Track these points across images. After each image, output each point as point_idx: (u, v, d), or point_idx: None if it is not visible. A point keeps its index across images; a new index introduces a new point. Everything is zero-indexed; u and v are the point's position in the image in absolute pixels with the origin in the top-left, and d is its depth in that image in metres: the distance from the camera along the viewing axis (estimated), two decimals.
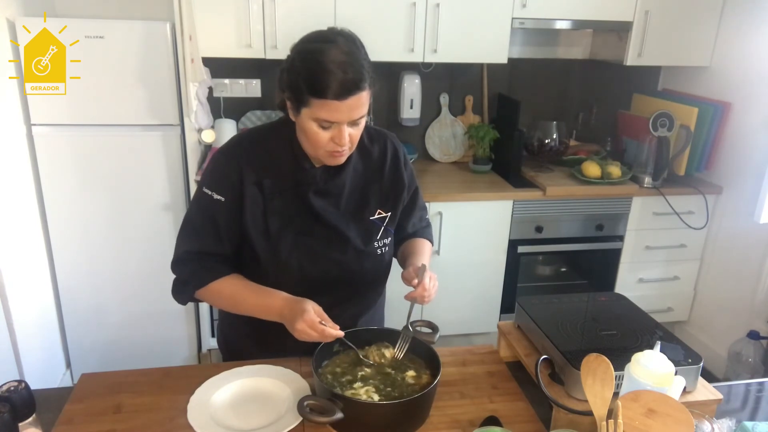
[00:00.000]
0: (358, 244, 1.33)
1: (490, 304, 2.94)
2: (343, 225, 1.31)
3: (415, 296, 1.25)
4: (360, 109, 1.14)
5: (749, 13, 2.75)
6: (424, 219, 1.54)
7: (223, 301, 1.31)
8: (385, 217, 1.37)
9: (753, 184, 2.68)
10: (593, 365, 1.03)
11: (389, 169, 1.37)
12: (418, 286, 1.24)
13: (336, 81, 1.09)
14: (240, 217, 1.27)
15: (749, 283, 2.78)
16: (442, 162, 3.21)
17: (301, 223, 1.29)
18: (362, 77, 1.11)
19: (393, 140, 1.41)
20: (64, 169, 2.46)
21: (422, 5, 2.59)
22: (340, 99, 1.10)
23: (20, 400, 1.04)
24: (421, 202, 1.50)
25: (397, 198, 1.39)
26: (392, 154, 1.39)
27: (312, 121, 1.15)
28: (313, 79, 1.10)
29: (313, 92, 1.11)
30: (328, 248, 1.32)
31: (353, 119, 1.15)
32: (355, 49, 1.14)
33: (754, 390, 1.36)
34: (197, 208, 1.29)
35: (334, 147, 1.18)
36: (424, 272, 1.26)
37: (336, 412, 1.05)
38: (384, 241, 1.39)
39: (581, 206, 2.83)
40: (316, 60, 1.11)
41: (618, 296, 1.45)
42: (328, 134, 1.16)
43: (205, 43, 2.41)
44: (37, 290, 2.49)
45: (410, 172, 1.43)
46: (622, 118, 3.27)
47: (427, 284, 1.25)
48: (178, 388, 1.22)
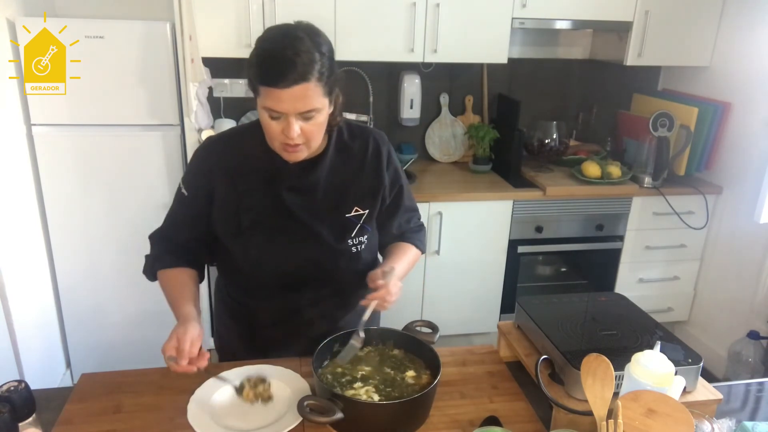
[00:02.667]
0: (330, 241, 1.32)
1: (490, 304, 2.94)
2: (315, 221, 1.30)
3: (376, 297, 1.21)
4: (306, 101, 1.12)
5: (749, 13, 2.75)
6: (413, 221, 1.49)
7: (164, 290, 1.32)
8: (362, 215, 1.35)
9: (753, 184, 2.68)
10: (593, 365, 1.03)
11: (369, 166, 1.35)
12: (382, 288, 1.20)
13: (281, 69, 1.09)
14: (205, 214, 1.31)
15: (749, 283, 2.78)
16: (442, 162, 3.21)
17: (274, 220, 1.29)
18: (310, 68, 1.10)
19: (377, 137, 1.38)
20: (64, 169, 2.45)
21: (422, 5, 2.59)
22: (283, 87, 1.09)
23: (20, 400, 1.04)
24: (408, 203, 1.45)
25: (376, 196, 1.36)
26: (373, 151, 1.36)
27: (263, 110, 1.15)
28: (261, 67, 1.11)
29: (261, 80, 1.12)
30: (300, 245, 1.31)
31: (299, 111, 1.13)
32: (309, 42, 1.12)
33: (754, 390, 1.36)
34: (174, 197, 1.37)
35: (285, 139, 1.17)
36: (391, 275, 1.23)
37: (336, 412, 1.05)
38: (360, 238, 1.36)
39: (581, 206, 2.83)
40: (267, 48, 1.13)
41: (618, 296, 1.45)
42: (279, 126, 1.16)
43: (205, 43, 2.41)
44: (37, 290, 2.49)
45: (394, 171, 1.40)
46: (622, 118, 3.27)
47: (392, 288, 1.21)
48: (178, 388, 1.22)
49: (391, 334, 1.31)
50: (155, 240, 1.38)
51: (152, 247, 1.38)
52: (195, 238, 1.35)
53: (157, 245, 1.37)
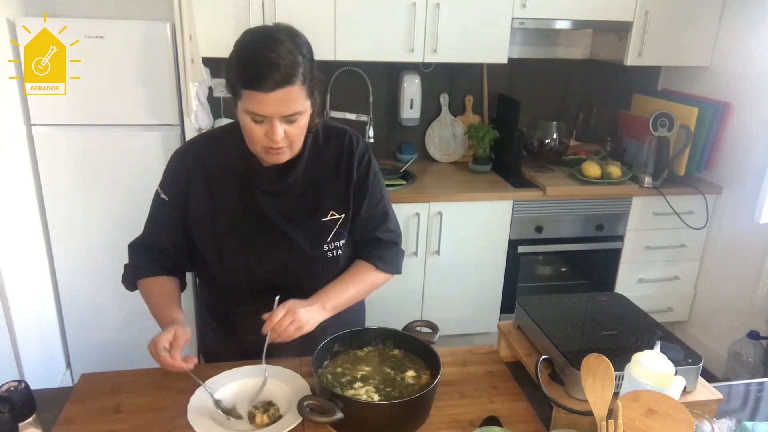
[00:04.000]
0: (305, 247, 1.30)
1: (490, 304, 2.94)
2: (290, 226, 1.29)
3: (266, 330, 1.16)
4: (290, 104, 1.11)
5: (749, 13, 2.75)
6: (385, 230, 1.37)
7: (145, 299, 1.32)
8: (338, 219, 1.32)
9: (753, 184, 2.68)
10: (593, 365, 1.03)
11: (343, 169, 1.32)
12: (268, 319, 1.16)
13: (264, 73, 1.07)
14: (183, 218, 1.29)
15: (749, 283, 2.78)
16: (442, 162, 3.21)
17: (249, 224, 1.28)
18: (293, 72, 1.09)
19: (351, 136, 1.35)
20: (64, 169, 2.45)
21: (422, 5, 2.59)
22: (267, 91, 1.08)
23: (20, 400, 1.04)
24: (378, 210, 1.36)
25: (349, 199, 1.33)
26: (347, 153, 1.32)
27: (245, 114, 1.14)
28: (243, 71, 1.10)
29: (243, 83, 1.10)
30: (273, 250, 1.30)
31: (283, 114, 1.12)
32: (291, 45, 1.11)
33: (754, 390, 1.36)
34: (152, 204, 1.35)
35: (269, 143, 1.16)
36: (280, 308, 1.17)
37: (336, 412, 1.05)
38: (335, 243, 1.33)
39: (581, 206, 2.83)
40: (249, 51, 1.11)
41: (618, 296, 1.45)
42: (262, 129, 1.14)
43: (205, 43, 2.41)
44: (37, 290, 2.49)
45: (365, 170, 1.33)
46: (622, 118, 3.27)
47: (276, 319, 1.15)
48: (178, 388, 1.22)
49: (391, 334, 1.31)
50: (135, 249, 1.36)
51: (131, 256, 1.36)
52: (176, 244, 1.34)
53: (137, 254, 1.35)
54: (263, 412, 1.14)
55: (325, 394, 1.10)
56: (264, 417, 1.13)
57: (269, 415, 1.14)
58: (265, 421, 1.13)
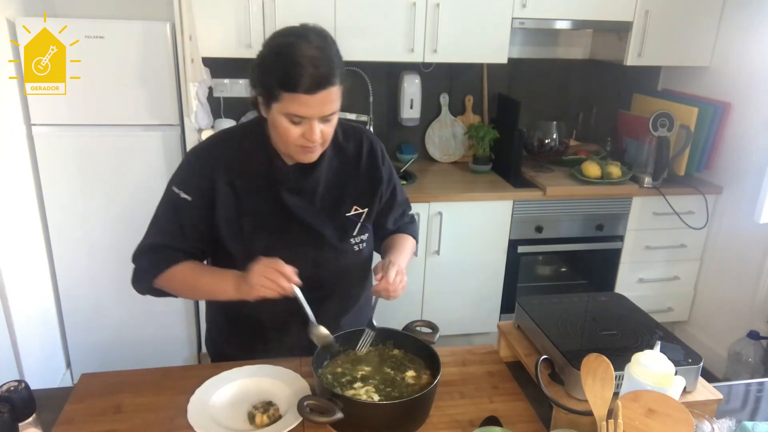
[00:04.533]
0: (333, 241, 1.33)
1: (490, 304, 2.94)
2: (317, 222, 1.31)
3: (379, 290, 1.24)
4: (331, 104, 1.14)
5: (749, 13, 2.75)
6: (407, 215, 1.53)
7: (180, 285, 1.30)
8: (362, 214, 1.36)
9: (753, 184, 2.68)
10: (593, 365, 1.03)
11: (365, 165, 1.37)
12: (382, 279, 1.23)
13: (307, 75, 1.09)
14: (209, 218, 1.28)
15: (749, 283, 2.78)
16: (442, 162, 3.21)
17: (276, 222, 1.29)
18: (333, 72, 1.12)
19: (369, 136, 1.40)
20: (64, 169, 2.45)
21: (422, 5, 2.59)
22: (310, 93, 1.10)
23: (20, 400, 1.03)
24: (401, 198, 1.49)
25: (374, 194, 1.38)
26: (368, 150, 1.38)
27: (283, 116, 1.14)
28: (284, 73, 1.10)
29: (284, 86, 1.11)
30: (303, 246, 1.31)
31: (324, 115, 1.14)
32: (325, 45, 1.14)
33: (754, 390, 1.37)
34: (164, 206, 1.30)
35: (305, 143, 1.17)
36: (389, 266, 1.25)
37: (336, 412, 1.05)
38: (361, 237, 1.38)
39: (581, 206, 2.83)
40: (287, 54, 1.11)
41: (618, 296, 1.45)
42: (299, 130, 1.15)
43: (205, 43, 2.41)
44: (37, 290, 2.49)
45: (388, 167, 1.42)
46: (622, 118, 3.27)
47: (391, 278, 1.23)
48: (178, 388, 1.22)
49: (391, 334, 1.31)
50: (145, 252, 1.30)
51: (140, 259, 1.31)
52: (196, 247, 1.31)
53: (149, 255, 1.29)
54: (263, 413, 1.14)
55: (325, 394, 1.10)
56: (264, 417, 1.13)
57: (269, 415, 1.14)
58: (265, 422, 1.13)
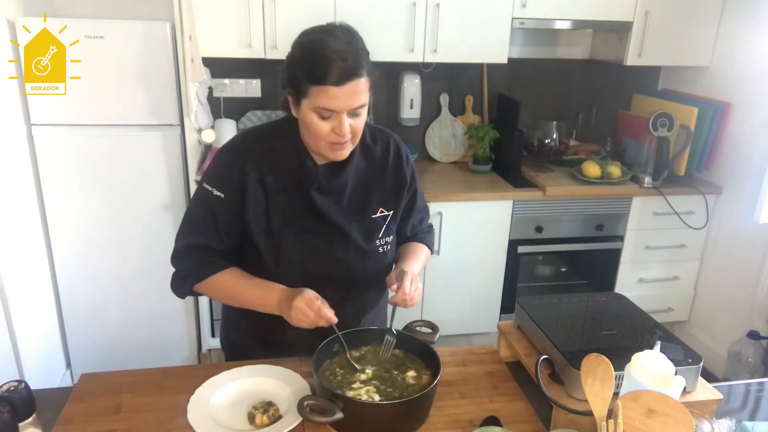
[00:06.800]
0: (360, 243, 1.34)
1: (490, 304, 2.94)
2: (345, 223, 1.32)
3: (397, 301, 1.25)
4: (359, 96, 1.15)
5: (749, 13, 2.75)
6: (425, 222, 1.53)
7: (223, 293, 1.32)
8: (387, 216, 1.38)
9: (753, 184, 2.68)
10: (593, 365, 1.03)
11: (391, 168, 1.39)
12: (398, 290, 1.24)
13: (334, 67, 1.10)
14: (241, 214, 1.28)
15: (749, 283, 2.78)
16: (442, 162, 3.21)
17: (304, 221, 1.29)
18: (360, 64, 1.13)
19: (396, 139, 1.43)
20: (64, 169, 2.45)
21: (422, 5, 2.59)
22: (338, 85, 1.11)
23: (20, 400, 1.03)
24: (420, 204, 1.49)
25: (399, 196, 1.40)
26: (395, 153, 1.40)
27: (312, 111, 1.16)
28: (312, 67, 1.12)
29: (312, 80, 1.12)
30: (330, 246, 1.32)
31: (352, 107, 1.16)
32: (352, 39, 1.17)
33: (754, 390, 1.36)
34: (198, 204, 1.30)
35: (336, 138, 1.18)
36: (404, 276, 1.25)
37: (336, 412, 1.05)
38: (386, 239, 1.39)
39: (581, 206, 2.83)
40: (314, 49, 1.13)
41: (618, 296, 1.45)
42: (328, 125, 1.17)
43: (205, 43, 2.41)
44: (37, 290, 2.49)
45: (412, 171, 1.43)
46: (622, 118, 3.27)
47: (407, 288, 1.24)
48: (178, 388, 1.22)
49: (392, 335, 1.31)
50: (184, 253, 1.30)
51: (180, 263, 1.30)
52: (231, 244, 1.31)
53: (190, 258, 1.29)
54: (263, 413, 1.14)
55: (326, 394, 1.10)
56: (264, 417, 1.13)
57: (269, 415, 1.14)
58: (265, 422, 1.13)
